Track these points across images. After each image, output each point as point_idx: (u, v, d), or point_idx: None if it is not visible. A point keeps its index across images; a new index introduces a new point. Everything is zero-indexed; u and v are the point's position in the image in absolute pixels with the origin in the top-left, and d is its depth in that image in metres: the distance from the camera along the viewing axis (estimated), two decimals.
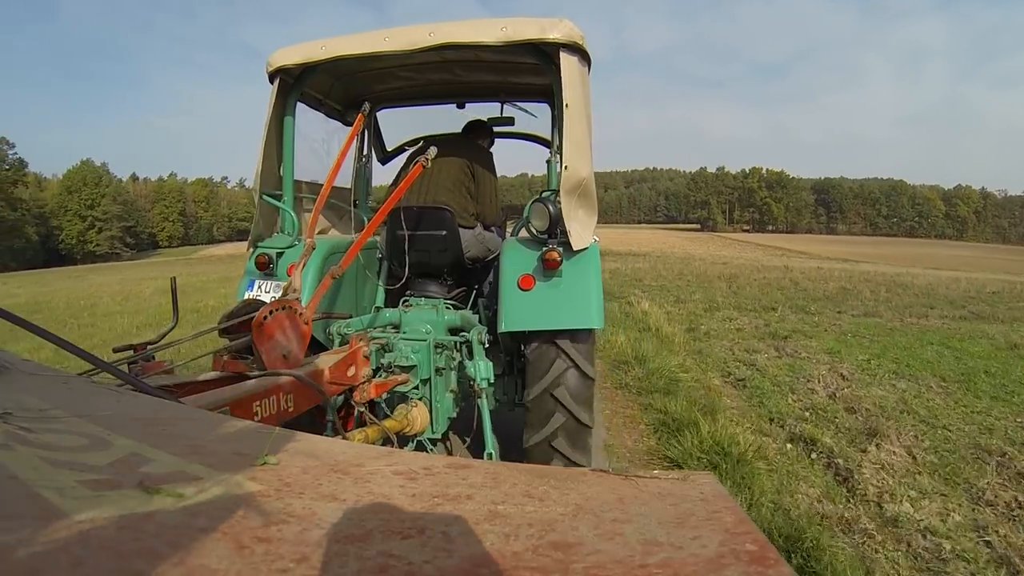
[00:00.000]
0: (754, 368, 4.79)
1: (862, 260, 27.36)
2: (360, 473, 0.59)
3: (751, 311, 7.91)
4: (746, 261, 21.06)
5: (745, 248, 41.24)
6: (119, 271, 25.31)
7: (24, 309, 9.90)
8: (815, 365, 4.87)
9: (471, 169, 2.66)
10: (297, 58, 2.37)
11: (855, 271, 15.99)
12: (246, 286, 2.43)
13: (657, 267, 15.75)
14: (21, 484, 0.43)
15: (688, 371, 4.65)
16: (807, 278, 12.62)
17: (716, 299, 9.07)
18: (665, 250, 29.26)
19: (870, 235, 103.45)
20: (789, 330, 6.43)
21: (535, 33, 2.07)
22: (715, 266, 16.78)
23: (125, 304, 10.66)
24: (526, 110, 3.27)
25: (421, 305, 2.56)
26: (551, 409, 2.15)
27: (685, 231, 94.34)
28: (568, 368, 2.14)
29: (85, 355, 0.88)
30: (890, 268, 19.62)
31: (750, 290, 10.51)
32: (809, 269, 15.81)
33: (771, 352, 5.39)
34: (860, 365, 4.92)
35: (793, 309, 8.08)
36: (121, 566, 0.34)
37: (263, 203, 2.53)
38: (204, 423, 0.78)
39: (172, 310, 1.70)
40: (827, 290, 10.49)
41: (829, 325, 6.87)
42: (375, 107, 3.41)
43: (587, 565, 0.40)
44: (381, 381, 2.04)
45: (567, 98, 2.09)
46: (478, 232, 2.69)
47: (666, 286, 11.22)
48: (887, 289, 10.81)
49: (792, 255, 31.56)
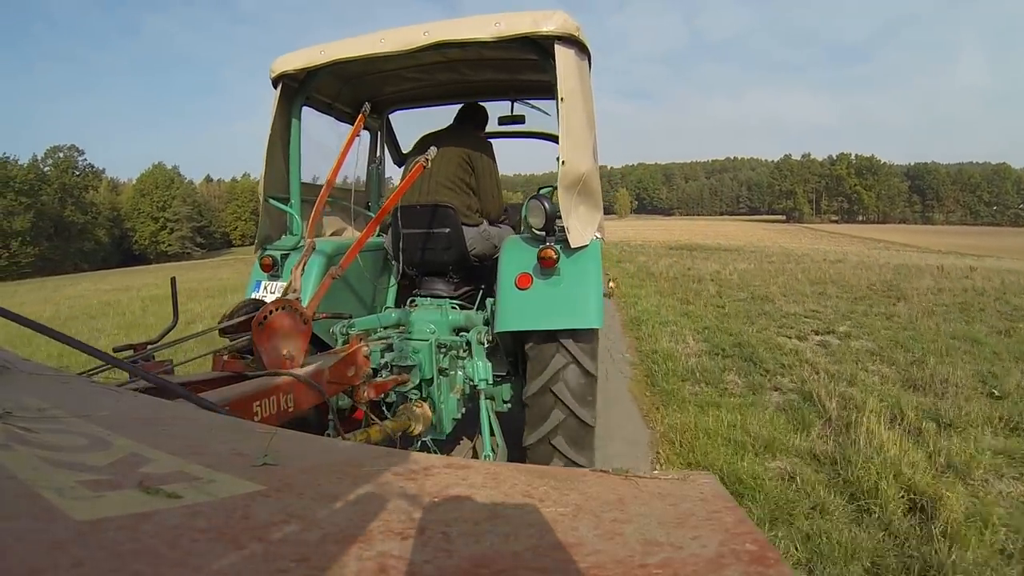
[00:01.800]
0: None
1: (984, 254, 22.31)
2: (360, 473, 0.59)
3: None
4: (869, 258, 15.79)
5: (843, 241, 35.34)
6: (161, 272, 25.35)
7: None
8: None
9: (470, 163, 2.61)
10: (298, 63, 2.39)
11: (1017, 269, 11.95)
12: (253, 287, 2.44)
13: (765, 268, 12.25)
14: (21, 484, 0.43)
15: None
16: (1002, 287, 8.42)
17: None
18: (757, 244, 25.18)
19: (971, 224, 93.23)
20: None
21: (529, 27, 2.04)
22: (836, 265, 12.67)
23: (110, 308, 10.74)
24: (537, 107, 3.24)
25: (426, 305, 2.55)
26: (550, 406, 2.11)
27: (771, 223, 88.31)
28: (568, 364, 2.10)
29: (95, 352, 0.88)
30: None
31: (988, 316, 6.23)
32: (963, 268, 11.56)
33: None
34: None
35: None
36: (121, 566, 0.34)
37: (269, 206, 2.55)
38: (204, 423, 0.78)
39: (172, 310, 1.70)
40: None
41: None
42: (387, 109, 3.42)
43: (587, 565, 0.40)
44: (380, 381, 2.04)
45: (563, 91, 2.06)
46: (483, 229, 2.65)
47: (827, 315, 6.50)
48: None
49: (904, 249, 25.91)
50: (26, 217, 51.44)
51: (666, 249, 20.43)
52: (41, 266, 50.15)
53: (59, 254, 54.58)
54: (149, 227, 66.86)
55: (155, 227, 66.94)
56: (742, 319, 6.43)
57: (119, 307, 10.82)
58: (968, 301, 7.37)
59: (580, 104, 2.12)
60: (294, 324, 1.65)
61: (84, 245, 58.39)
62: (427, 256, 2.58)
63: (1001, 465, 2.78)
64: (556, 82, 2.08)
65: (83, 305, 12.23)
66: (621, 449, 3.05)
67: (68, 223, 56.99)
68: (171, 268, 31.10)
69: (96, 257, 57.77)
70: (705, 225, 64.31)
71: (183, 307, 9.23)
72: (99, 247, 60.52)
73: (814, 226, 78.41)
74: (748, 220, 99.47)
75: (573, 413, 2.09)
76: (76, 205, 58.71)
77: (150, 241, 66.70)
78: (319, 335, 2.36)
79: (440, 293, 2.67)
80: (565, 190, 2.08)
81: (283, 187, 2.61)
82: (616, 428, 3.38)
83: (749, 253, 18.05)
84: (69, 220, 57.14)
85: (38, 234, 52.76)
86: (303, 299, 1.89)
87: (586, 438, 2.14)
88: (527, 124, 3.34)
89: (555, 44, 2.06)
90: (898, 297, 7.82)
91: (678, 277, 10.91)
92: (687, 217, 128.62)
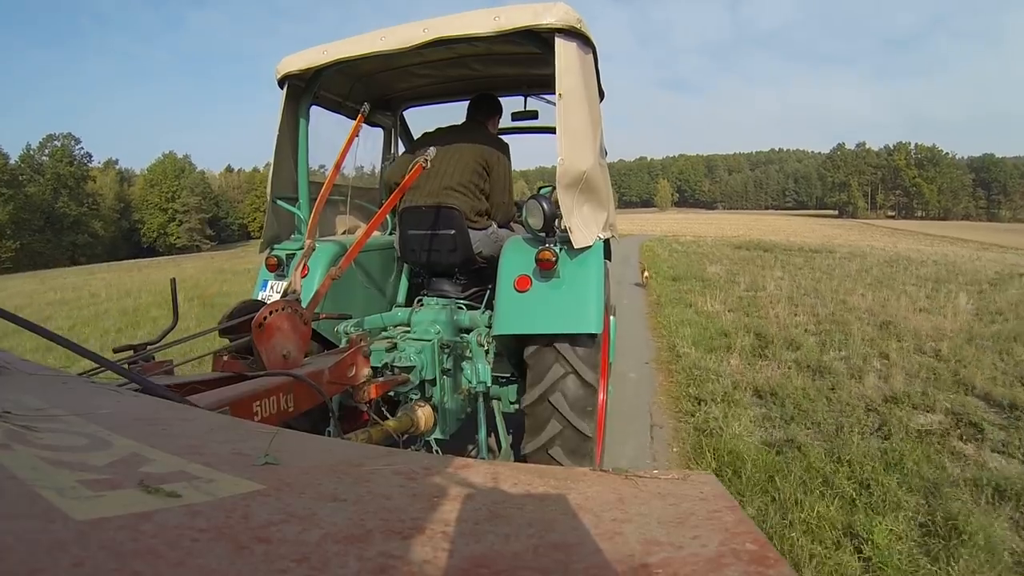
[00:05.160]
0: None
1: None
2: (360, 473, 0.59)
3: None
4: (991, 267, 11.69)
5: (923, 240, 28.99)
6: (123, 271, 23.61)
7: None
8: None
9: (487, 167, 2.54)
10: (303, 64, 2.38)
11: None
12: (260, 287, 2.44)
13: (911, 290, 8.11)
14: (20, 484, 0.43)
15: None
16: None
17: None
18: (834, 242, 20.95)
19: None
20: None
21: (529, 19, 1.99)
22: (931, 267, 10.41)
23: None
24: (551, 102, 3.21)
25: (432, 304, 2.54)
26: (547, 416, 2.06)
27: (823, 217, 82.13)
28: (566, 374, 2.04)
29: (90, 355, 0.88)
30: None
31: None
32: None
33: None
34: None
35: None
36: (121, 566, 0.34)
37: (276, 206, 2.55)
38: (204, 423, 0.78)
39: (172, 310, 1.70)
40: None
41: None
42: (400, 106, 3.39)
43: (587, 565, 0.40)
44: (380, 381, 2.03)
45: (562, 86, 1.99)
46: (491, 231, 2.60)
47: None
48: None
49: (1004, 250, 21.24)
50: (4, 210, 48.84)
51: (730, 248, 16.89)
52: (28, 261, 46.97)
53: (50, 247, 52.16)
54: (157, 219, 64.85)
55: (163, 219, 64.94)
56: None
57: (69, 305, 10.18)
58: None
59: (582, 99, 2.05)
60: (294, 325, 1.65)
61: (77, 238, 55.77)
62: (433, 257, 2.55)
63: None
64: (557, 77, 2.01)
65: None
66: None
67: (59, 215, 54.50)
68: (157, 264, 29.55)
69: (93, 250, 55.24)
70: (755, 219, 58.75)
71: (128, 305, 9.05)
72: (95, 240, 57.84)
73: (872, 221, 72.81)
74: (798, 215, 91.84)
75: (571, 424, 2.03)
76: (71, 196, 56.38)
77: (158, 233, 64.73)
78: (325, 335, 2.36)
79: (447, 293, 2.63)
80: (565, 189, 2.02)
81: (291, 187, 2.60)
82: None
83: (835, 254, 14.38)
84: (61, 212, 54.73)
85: (21, 227, 50.36)
86: (304, 299, 1.89)
87: (584, 449, 2.08)
88: (541, 119, 3.24)
89: (556, 37, 2.00)
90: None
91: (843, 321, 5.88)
92: (732, 211, 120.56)
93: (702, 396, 3.84)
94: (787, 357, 4.71)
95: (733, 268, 11.38)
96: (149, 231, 65.17)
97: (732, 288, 8.61)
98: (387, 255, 2.93)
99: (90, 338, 6.77)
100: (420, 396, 2.16)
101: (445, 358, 2.21)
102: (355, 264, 2.51)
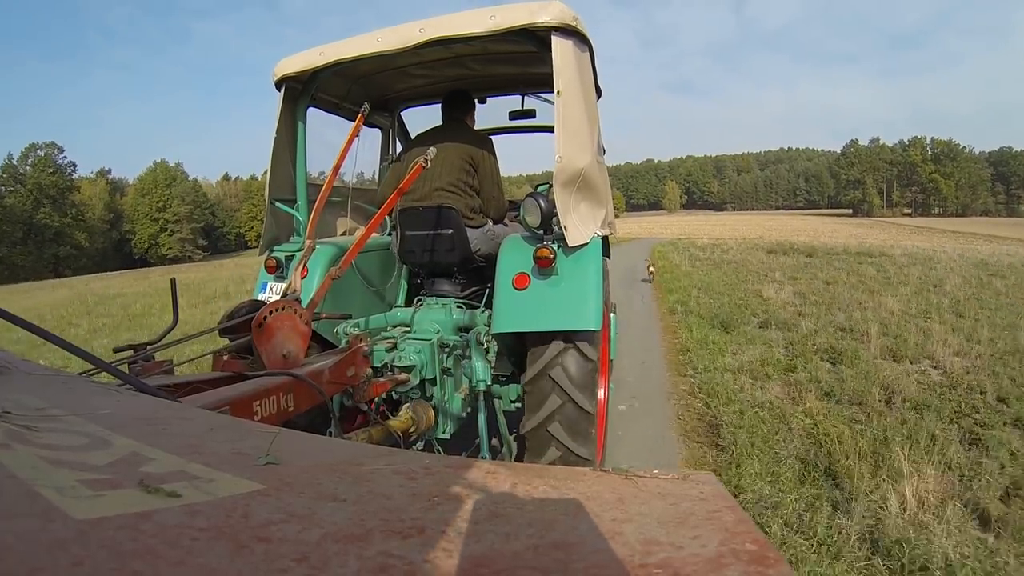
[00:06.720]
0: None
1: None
2: (360, 472, 0.59)
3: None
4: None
5: (952, 239, 28.06)
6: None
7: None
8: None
9: (473, 164, 2.55)
10: (299, 66, 2.38)
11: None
12: (260, 289, 2.45)
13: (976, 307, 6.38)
14: (20, 483, 0.43)
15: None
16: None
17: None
18: (852, 243, 19.51)
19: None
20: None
21: (525, 18, 2.00)
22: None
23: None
24: (549, 101, 3.18)
25: (432, 304, 2.54)
26: (547, 392, 2.05)
27: (838, 216, 79.96)
28: (567, 348, 2.04)
29: (85, 355, 0.88)
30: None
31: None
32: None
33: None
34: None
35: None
36: (121, 565, 0.34)
37: (275, 208, 2.55)
38: (204, 423, 0.78)
39: (172, 310, 1.71)
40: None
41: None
42: (398, 107, 3.40)
43: (587, 565, 0.40)
44: (380, 381, 2.03)
45: (559, 84, 2.01)
46: (487, 229, 2.62)
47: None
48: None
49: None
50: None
51: (763, 253, 14.80)
52: (8, 273, 45.09)
53: (31, 259, 50.83)
54: (148, 229, 63.46)
55: (154, 229, 63.61)
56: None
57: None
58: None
59: (579, 97, 2.06)
60: (293, 325, 1.65)
61: (59, 250, 54.08)
62: (431, 257, 2.56)
63: None
64: (554, 75, 2.02)
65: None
66: None
67: (40, 226, 52.92)
68: (116, 276, 28.09)
69: (78, 262, 53.40)
70: (768, 220, 57.30)
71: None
72: (79, 251, 56.07)
73: (889, 219, 70.37)
74: (811, 214, 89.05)
75: (571, 399, 2.01)
76: (53, 206, 54.52)
77: (149, 244, 63.45)
78: (325, 335, 2.36)
79: (446, 292, 2.64)
80: (562, 187, 2.03)
81: (289, 189, 2.61)
82: None
83: (890, 257, 12.56)
84: (42, 223, 53.11)
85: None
86: (304, 300, 1.89)
87: (585, 426, 2.06)
88: (538, 118, 3.25)
89: (552, 35, 2.01)
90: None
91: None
92: (743, 212, 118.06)
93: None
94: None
95: (797, 287, 7.83)
96: (140, 242, 63.94)
97: (848, 342, 4.81)
98: (386, 255, 2.93)
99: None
100: (420, 396, 2.16)
101: (445, 357, 2.22)
102: (355, 264, 2.51)
